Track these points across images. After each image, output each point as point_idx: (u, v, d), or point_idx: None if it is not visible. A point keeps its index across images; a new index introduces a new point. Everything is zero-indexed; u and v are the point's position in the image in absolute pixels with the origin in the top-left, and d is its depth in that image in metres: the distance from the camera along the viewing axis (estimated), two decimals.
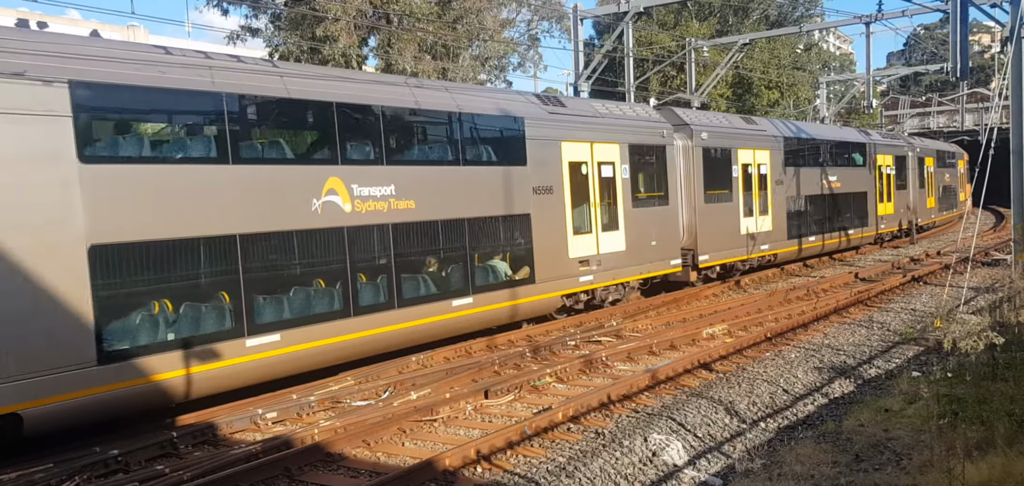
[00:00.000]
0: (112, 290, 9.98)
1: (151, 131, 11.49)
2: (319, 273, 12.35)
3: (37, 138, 9.42)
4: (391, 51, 29.36)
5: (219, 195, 11.08)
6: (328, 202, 12.32)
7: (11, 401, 9.08)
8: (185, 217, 10.66)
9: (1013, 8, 19.64)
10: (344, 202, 12.58)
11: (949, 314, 15.33)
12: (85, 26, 37.63)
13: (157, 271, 10.44)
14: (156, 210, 10.39)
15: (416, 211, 13.66)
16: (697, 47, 34.39)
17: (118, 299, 10.09)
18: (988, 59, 75.42)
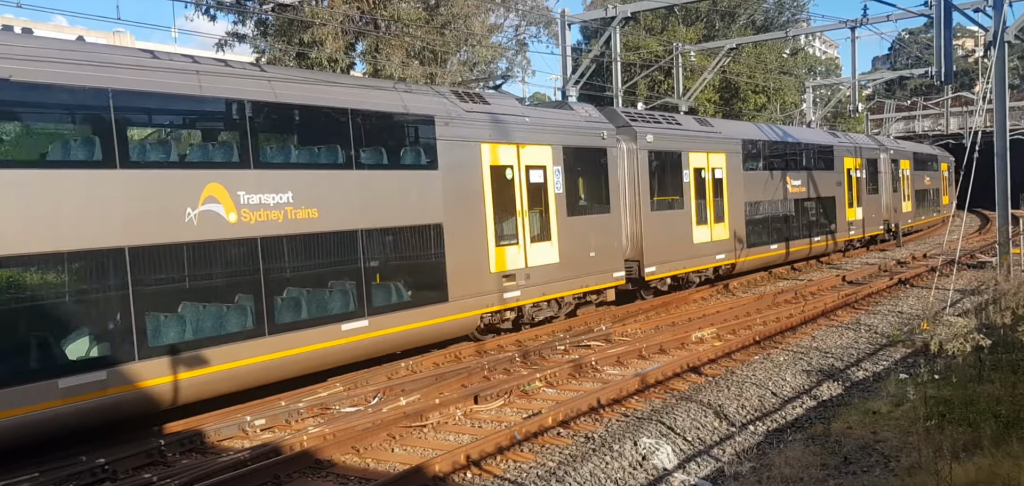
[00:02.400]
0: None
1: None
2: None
3: None
4: (379, 56, 29.32)
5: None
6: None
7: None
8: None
9: (996, 13, 19.83)
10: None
11: (936, 316, 15.44)
12: (71, 32, 37.42)
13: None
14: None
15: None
16: (684, 52, 34.54)
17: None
18: (972, 63, 76.13)
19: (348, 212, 12.67)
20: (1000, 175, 20.24)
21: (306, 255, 12.18)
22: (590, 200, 18.13)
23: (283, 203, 11.74)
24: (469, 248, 14.72)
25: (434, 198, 14.11)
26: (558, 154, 16.85)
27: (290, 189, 11.84)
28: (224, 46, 29.56)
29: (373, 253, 13.13)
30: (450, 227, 14.31)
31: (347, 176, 12.82)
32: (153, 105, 11.11)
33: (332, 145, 12.83)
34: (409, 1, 30.15)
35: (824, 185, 28.52)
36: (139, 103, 10.82)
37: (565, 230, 16.92)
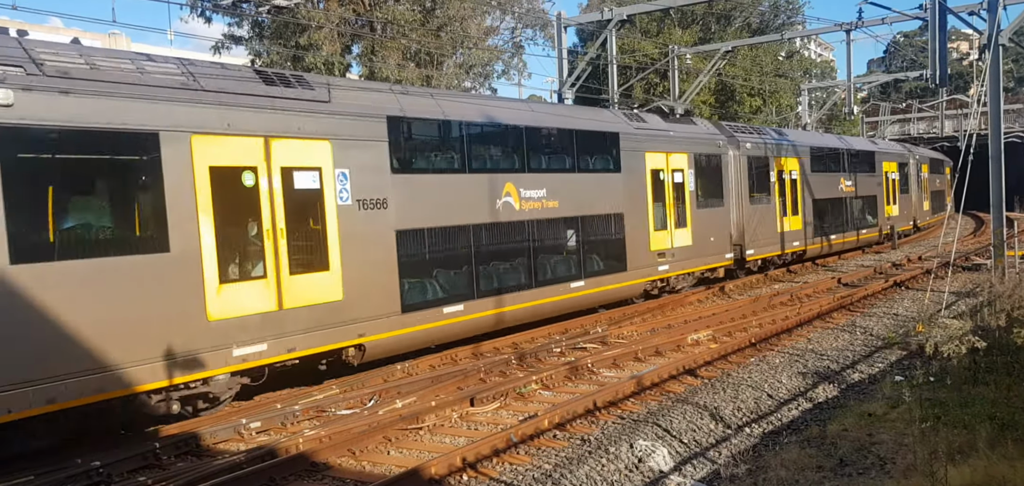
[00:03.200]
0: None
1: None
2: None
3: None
4: (375, 59, 29.32)
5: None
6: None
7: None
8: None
9: (990, 16, 19.90)
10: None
11: (931, 319, 15.47)
12: (66, 33, 37.31)
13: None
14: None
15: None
16: (680, 54, 34.59)
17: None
18: (967, 66, 76.38)
19: (574, 204, 17.30)
20: (995, 177, 20.30)
21: (553, 234, 16.85)
22: (710, 196, 22.26)
23: (541, 196, 16.47)
24: (638, 232, 19.23)
25: (618, 194, 18.67)
26: (691, 159, 21.30)
27: (544, 187, 16.54)
28: (220, 49, 29.56)
29: (586, 234, 17.65)
30: (627, 216, 18.86)
31: (573, 177, 17.52)
32: (481, 129, 15.83)
33: (563, 156, 17.49)
34: (405, 3, 30.14)
35: (867, 186, 32.67)
36: (476, 128, 15.61)
37: (696, 219, 21.34)
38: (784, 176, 26.07)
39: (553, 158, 17.27)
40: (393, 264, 13.21)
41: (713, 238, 22.04)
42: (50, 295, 9.14)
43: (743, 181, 23.68)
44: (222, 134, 10.97)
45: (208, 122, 10.82)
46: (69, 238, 9.48)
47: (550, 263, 16.72)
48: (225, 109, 11.06)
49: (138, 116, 10.09)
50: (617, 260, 18.43)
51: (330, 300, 12.17)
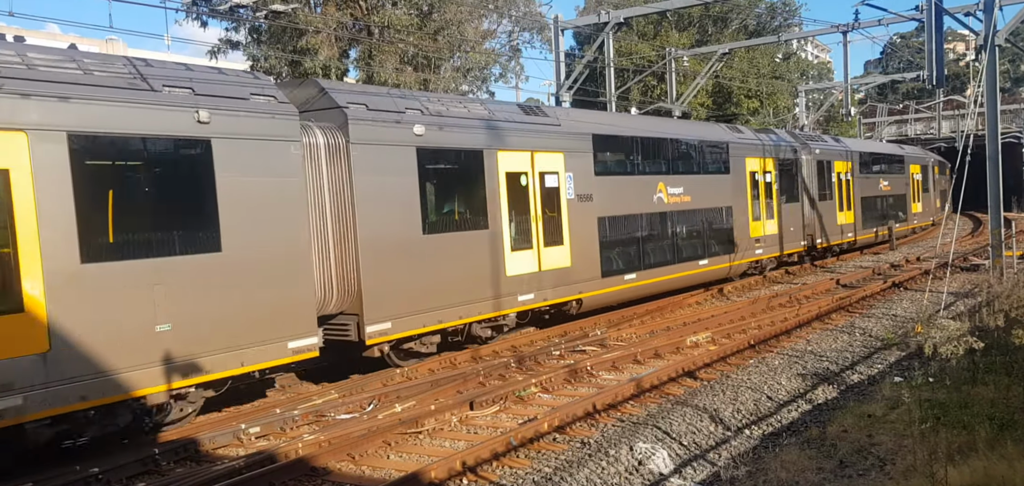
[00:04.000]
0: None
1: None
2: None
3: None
4: (372, 63, 29.32)
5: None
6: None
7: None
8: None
9: (987, 17, 19.93)
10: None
11: (929, 319, 15.46)
12: (64, 40, 37.30)
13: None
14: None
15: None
16: (677, 57, 34.65)
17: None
18: (963, 66, 76.53)
19: (701, 199, 21.77)
20: (992, 178, 20.33)
21: (688, 222, 21.34)
22: (789, 193, 26.70)
23: (680, 193, 21.01)
24: (742, 222, 23.72)
25: (728, 191, 23.25)
26: (776, 163, 25.93)
27: (682, 185, 21.11)
28: (217, 54, 29.55)
29: (709, 223, 22.17)
30: (734, 209, 23.37)
31: (700, 178, 22.02)
32: (643, 142, 20.26)
33: (692, 161, 21.96)
34: (402, 7, 30.15)
35: (899, 185, 37.87)
36: (640, 141, 20.16)
37: (780, 212, 25.98)
38: (841, 177, 30.71)
39: (686, 163, 21.83)
40: (596, 242, 18.02)
41: (792, 228, 26.89)
42: (447, 254, 14.41)
43: (812, 181, 28.48)
44: (511, 150, 15.88)
45: (505, 142, 15.76)
46: (447, 219, 14.86)
47: (686, 244, 21.49)
48: (512, 134, 15.97)
49: (474, 141, 15.10)
50: (729, 244, 23.22)
51: (564, 266, 17.11)
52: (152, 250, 10.02)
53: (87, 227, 9.44)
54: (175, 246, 10.27)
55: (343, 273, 12.69)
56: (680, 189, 21.11)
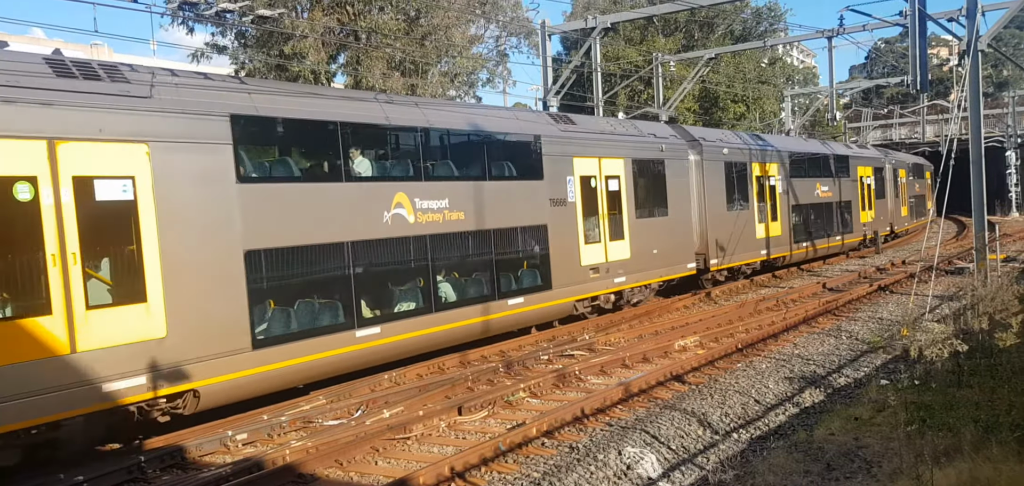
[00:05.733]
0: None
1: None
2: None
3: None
4: (360, 68, 29.27)
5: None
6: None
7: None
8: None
9: (969, 22, 20.11)
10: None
11: (915, 322, 15.57)
12: (48, 44, 37.02)
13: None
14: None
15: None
16: (664, 62, 34.75)
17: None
18: (947, 71, 77.10)
19: (837, 195, 31.53)
20: (976, 181, 20.48)
21: (823, 214, 30.21)
22: (880, 192, 36.98)
23: (814, 191, 29.65)
24: (858, 212, 33.50)
25: (851, 190, 32.93)
26: (874, 171, 36.03)
27: (820, 186, 30.13)
28: (200, 58, 29.40)
29: (841, 214, 31.44)
30: (853, 203, 32.86)
31: (833, 181, 31.25)
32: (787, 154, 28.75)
33: (829, 167, 31.44)
34: (389, 13, 30.11)
35: (918, 189, 46.86)
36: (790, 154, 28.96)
37: (876, 206, 35.64)
38: (900, 181, 41.00)
39: (819, 169, 30.37)
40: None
41: (881, 217, 36.65)
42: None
43: (892, 185, 38.94)
44: (762, 163, 25.30)
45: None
46: (740, 200, 24.39)
47: (818, 230, 28.98)
48: (769, 151, 25.57)
49: (743, 156, 25.01)
50: (850, 227, 32.30)
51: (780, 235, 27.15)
52: (651, 214, 20.41)
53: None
54: (655, 212, 20.56)
55: (701, 232, 22.73)
56: (819, 189, 30.13)
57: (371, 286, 13.10)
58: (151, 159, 10.31)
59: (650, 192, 20.39)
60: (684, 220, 21.73)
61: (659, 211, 20.68)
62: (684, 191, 21.86)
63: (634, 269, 19.48)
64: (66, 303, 9.28)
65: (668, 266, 20.93)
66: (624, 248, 19.19)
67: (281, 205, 11.88)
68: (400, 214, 13.61)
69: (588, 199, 18.09)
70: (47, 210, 9.24)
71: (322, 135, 12.77)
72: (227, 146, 11.21)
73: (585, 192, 17.97)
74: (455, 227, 14.58)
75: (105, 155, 9.85)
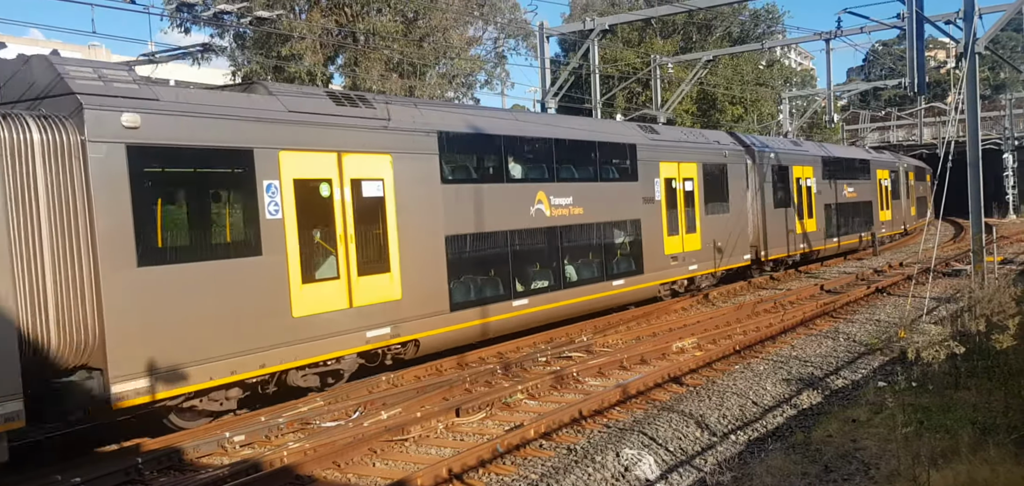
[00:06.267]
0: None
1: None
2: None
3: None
4: (358, 69, 29.28)
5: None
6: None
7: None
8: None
9: (967, 25, 20.16)
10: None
11: (912, 324, 15.60)
12: (46, 46, 36.96)
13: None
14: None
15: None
16: (662, 64, 34.80)
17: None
18: (944, 74, 77.27)
19: (877, 196, 36.54)
20: (973, 184, 20.53)
21: (854, 210, 33.30)
22: (895, 194, 40.42)
23: (851, 190, 33.12)
24: (881, 208, 37.41)
25: (901, 188, 41.69)
26: (895, 172, 40.32)
27: (852, 187, 33.40)
28: (199, 59, 29.35)
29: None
30: (875, 202, 36.31)
31: (874, 182, 36.50)
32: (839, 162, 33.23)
33: (859, 173, 34.73)
34: (387, 14, 30.13)
35: (921, 190, 48.83)
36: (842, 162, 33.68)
37: (892, 205, 38.87)
38: (909, 183, 43.96)
39: (846, 171, 33.14)
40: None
41: (896, 216, 40.18)
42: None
43: (904, 186, 42.12)
44: (801, 165, 28.38)
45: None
46: (784, 198, 27.12)
47: (846, 227, 32.29)
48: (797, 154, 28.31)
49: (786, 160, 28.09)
50: (871, 225, 35.12)
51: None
52: (716, 211, 22.98)
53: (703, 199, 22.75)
54: (719, 209, 23.09)
55: (754, 227, 25.11)
56: (850, 188, 33.02)
57: (521, 266, 16.26)
58: (392, 166, 13.53)
59: (715, 192, 23.25)
60: (742, 217, 24.56)
61: (722, 209, 23.51)
62: (741, 191, 24.74)
63: (704, 258, 22.50)
64: (347, 271, 12.65)
65: (729, 256, 23.73)
66: (697, 240, 22.18)
67: (466, 200, 15.07)
68: (540, 209, 16.78)
69: (670, 198, 21.08)
70: (337, 203, 12.60)
71: (490, 146, 16.02)
72: (435, 156, 14.43)
73: (668, 192, 21.01)
74: (577, 220, 17.72)
75: (368, 163, 13.14)
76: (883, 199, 37.66)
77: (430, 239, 14.21)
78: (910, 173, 44.19)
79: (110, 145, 9.82)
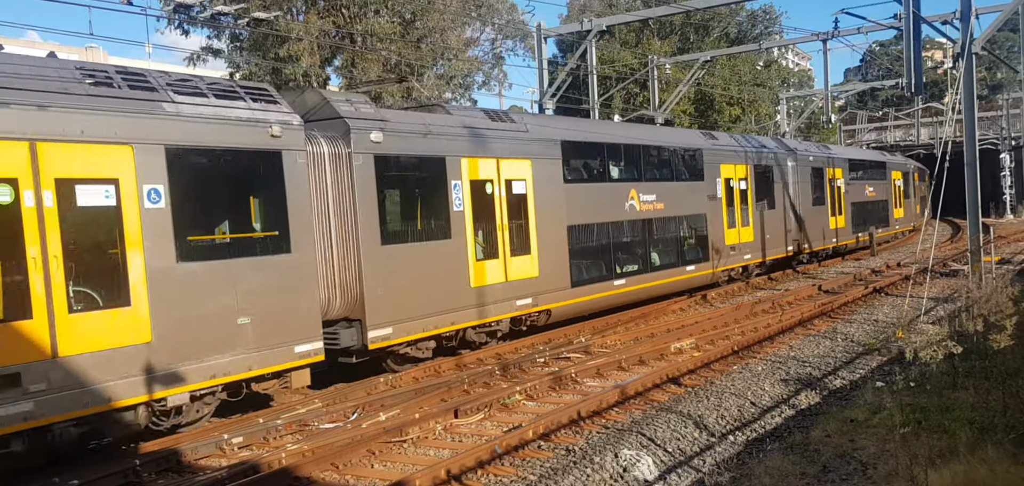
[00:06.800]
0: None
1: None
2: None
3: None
4: (355, 71, 29.25)
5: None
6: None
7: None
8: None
9: (963, 25, 20.20)
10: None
11: (910, 324, 15.62)
12: (43, 47, 36.91)
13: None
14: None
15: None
16: (659, 65, 34.81)
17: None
18: (941, 74, 77.38)
19: (894, 195, 40.35)
20: (970, 184, 20.56)
21: (877, 206, 37.32)
22: (908, 194, 42.82)
23: (868, 191, 36.48)
24: (895, 205, 39.74)
25: (910, 189, 43.99)
26: (905, 175, 43.02)
27: (871, 187, 36.88)
28: (196, 60, 29.35)
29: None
30: (890, 200, 39.21)
31: (889, 182, 39.63)
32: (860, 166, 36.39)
33: (879, 176, 38.29)
34: (385, 15, 30.11)
35: (924, 190, 49.10)
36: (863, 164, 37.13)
37: (904, 204, 41.96)
38: (915, 184, 45.65)
39: (867, 172, 35.91)
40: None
41: (908, 214, 42.30)
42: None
43: (913, 186, 44.69)
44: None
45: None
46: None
47: (868, 223, 34.55)
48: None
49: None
50: (888, 222, 38.30)
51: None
52: (765, 207, 26.04)
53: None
54: (767, 206, 26.24)
55: (795, 222, 27.61)
56: (869, 188, 35.90)
57: (619, 252, 19.44)
58: (531, 169, 16.77)
59: (763, 191, 26.29)
60: (786, 212, 27.75)
61: (770, 205, 26.54)
62: (785, 190, 27.81)
63: (755, 249, 25.63)
64: (503, 252, 15.96)
65: (775, 247, 26.89)
66: (750, 233, 25.21)
67: (580, 197, 18.26)
68: (632, 204, 19.99)
69: (728, 196, 24.16)
70: (497, 199, 15.84)
71: (596, 152, 19.31)
72: (558, 160, 17.63)
73: (726, 190, 24.04)
74: (659, 214, 20.86)
75: (516, 167, 16.46)
76: (897, 197, 40.94)
77: (557, 228, 17.41)
78: (915, 174, 46.65)
79: (365, 155, 13.19)
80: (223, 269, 10.83)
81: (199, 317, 10.47)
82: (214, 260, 10.78)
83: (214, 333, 10.64)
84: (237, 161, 11.21)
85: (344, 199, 12.83)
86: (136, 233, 9.95)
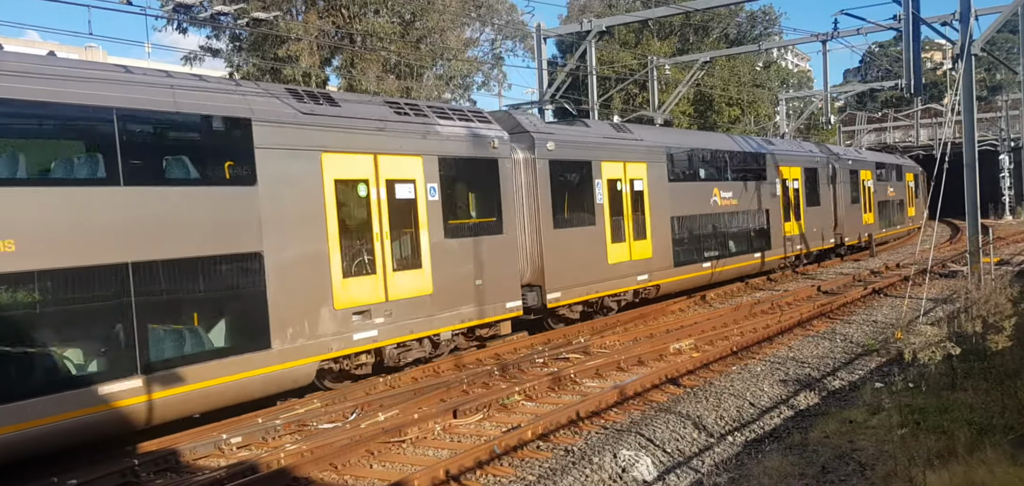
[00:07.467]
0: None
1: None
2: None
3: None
4: (354, 71, 29.25)
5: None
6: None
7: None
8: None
9: (963, 26, 20.20)
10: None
11: (909, 325, 15.62)
12: (43, 46, 36.88)
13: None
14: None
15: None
16: (659, 65, 34.81)
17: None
18: (940, 75, 77.43)
19: (906, 195, 44.76)
20: (969, 185, 20.56)
21: (893, 208, 41.30)
22: (915, 196, 46.16)
23: (888, 192, 40.58)
24: (906, 205, 42.96)
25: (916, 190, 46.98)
26: (915, 177, 45.63)
27: (891, 189, 41.47)
28: (194, 60, 29.36)
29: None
30: (907, 200, 42.73)
31: (897, 184, 42.98)
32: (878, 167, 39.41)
33: (892, 178, 41.28)
34: (384, 15, 30.12)
35: (925, 191, 50.83)
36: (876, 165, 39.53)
37: (915, 203, 44.45)
38: (921, 184, 47.68)
39: (888, 174, 38.68)
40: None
41: (917, 213, 43.98)
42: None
43: (922, 187, 46.38)
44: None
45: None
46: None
47: (889, 219, 38.07)
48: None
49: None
50: (904, 219, 41.64)
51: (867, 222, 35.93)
52: (812, 205, 29.54)
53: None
54: (814, 203, 29.84)
55: (837, 218, 30.90)
56: (891, 188, 39.54)
57: (705, 239, 23.13)
58: (647, 170, 20.56)
59: (811, 190, 29.70)
60: (828, 209, 31.11)
61: (815, 202, 29.90)
62: (828, 190, 31.09)
63: (804, 241, 28.98)
64: (628, 236, 19.69)
65: (820, 240, 30.12)
66: (801, 227, 28.61)
67: (679, 193, 22.01)
68: (714, 200, 23.69)
69: (784, 194, 27.54)
70: (624, 194, 19.71)
71: (689, 156, 23.28)
72: (665, 164, 21.44)
73: (783, 190, 27.43)
74: (734, 209, 24.55)
75: (636, 168, 20.23)
76: (910, 197, 44.76)
77: (664, 218, 21.05)
78: (921, 176, 48.70)
79: (544, 161, 17.22)
80: (468, 244, 14.90)
81: (455, 278, 14.53)
82: (463, 238, 14.81)
83: (462, 290, 14.67)
84: (473, 166, 15.22)
85: (530, 193, 16.82)
86: (424, 217, 14.03)
